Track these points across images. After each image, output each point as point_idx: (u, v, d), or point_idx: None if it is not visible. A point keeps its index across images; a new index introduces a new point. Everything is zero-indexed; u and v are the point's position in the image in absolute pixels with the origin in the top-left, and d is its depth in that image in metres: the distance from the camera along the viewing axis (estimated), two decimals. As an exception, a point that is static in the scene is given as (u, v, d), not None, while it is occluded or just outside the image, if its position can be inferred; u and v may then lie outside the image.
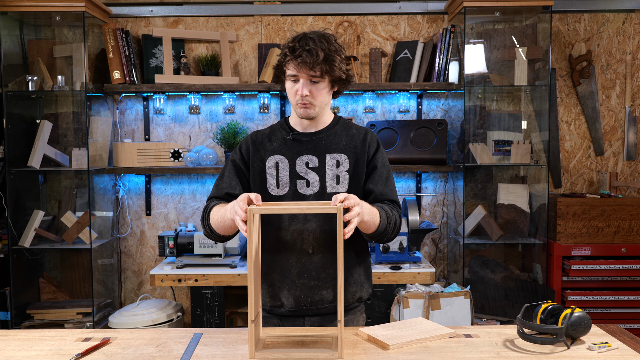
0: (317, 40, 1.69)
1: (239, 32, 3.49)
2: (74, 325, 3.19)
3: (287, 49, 1.70)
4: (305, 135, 1.80)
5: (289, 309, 1.78)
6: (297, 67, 1.69)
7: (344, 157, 1.78)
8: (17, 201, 3.21)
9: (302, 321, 1.80)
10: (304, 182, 1.76)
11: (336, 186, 1.75)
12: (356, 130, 1.84)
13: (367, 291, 1.85)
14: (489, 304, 3.23)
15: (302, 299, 1.77)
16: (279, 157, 1.78)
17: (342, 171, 1.77)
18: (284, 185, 1.77)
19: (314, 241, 1.75)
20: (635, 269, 3.13)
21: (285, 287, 1.77)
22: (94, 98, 3.37)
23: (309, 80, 1.71)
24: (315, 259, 1.75)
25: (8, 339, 1.66)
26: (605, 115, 3.50)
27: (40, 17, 3.23)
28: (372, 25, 3.49)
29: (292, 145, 1.79)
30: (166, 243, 3.03)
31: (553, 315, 1.61)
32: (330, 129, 1.82)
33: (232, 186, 1.80)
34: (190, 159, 3.30)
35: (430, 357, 1.48)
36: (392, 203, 1.79)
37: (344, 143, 1.80)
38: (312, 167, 1.77)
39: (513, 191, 3.36)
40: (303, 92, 1.70)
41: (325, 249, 1.75)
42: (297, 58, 1.67)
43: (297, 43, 1.69)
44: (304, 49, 1.66)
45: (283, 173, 1.77)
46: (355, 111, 3.52)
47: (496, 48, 3.36)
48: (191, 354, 1.51)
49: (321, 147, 1.79)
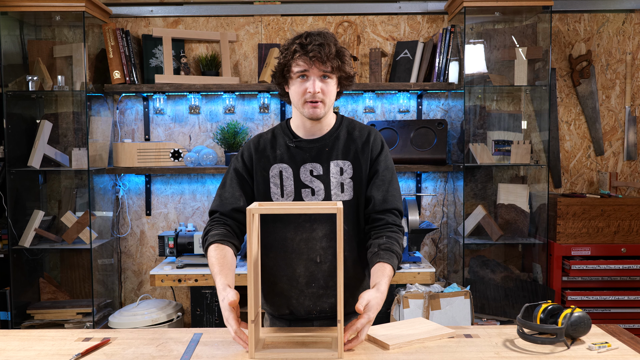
0: (325, 36, 1.65)
1: (239, 32, 3.49)
2: (74, 325, 3.19)
3: (296, 45, 1.64)
4: (308, 142, 1.75)
5: (298, 317, 1.77)
6: (308, 63, 1.63)
7: (347, 164, 1.74)
8: (17, 201, 3.21)
9: (311, 324, 1.78)
10: (309, 191, 1.73)
11: (341, 194, 1.72)
12: (359, 132, 1.78)
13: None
14: (489, 304, 3.23)
15: (311, 307, 1.75)
16: (282, 166, 1.74)
17: (346, 178, 1.73)
18: (288, 195, 1.73)
19: (321, 250, 1.72)
20: (635, 269, 3.13)
21: (293, 296, 1.74)
22: (94, 98, 3.37)
23: (320, 76, 1.66)
24: (324, 268, 1.72)
25: (8, 339, 1.66)
26: (605, 115, 3.50)
27: (40, 17, 3.23)
28: (372, 25, 3.49)
29: (296, 152, 1.74)
30: (166, 243, 3.03)
31: (553, 315, 1.61)
32: (333, 133, 1.77)
33: (236, 198, 1.75)
34: (190, 159, 3.30)
35: (430, 357, 1.48)
36: (394, 214, 1.73)
37: (347, 148, 1.75)
38: (317, 175, 1.73)
39: (513, 191, 3.36)
40: (315, 89, 1.64)
41: (333, 257, 1.72)
42: (309, 53, 1.62)
43: (305, 39, 1.64)
44: (315, 44, 1.62)
45: (287, 182, 1.73)
46: (355, 111, 3.52)
47: (496, 48, 3.36)
48: (191, 354, 1.51)
49: (325, 155, 1.74)
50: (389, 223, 1.71)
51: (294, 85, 1.68)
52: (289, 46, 1.67)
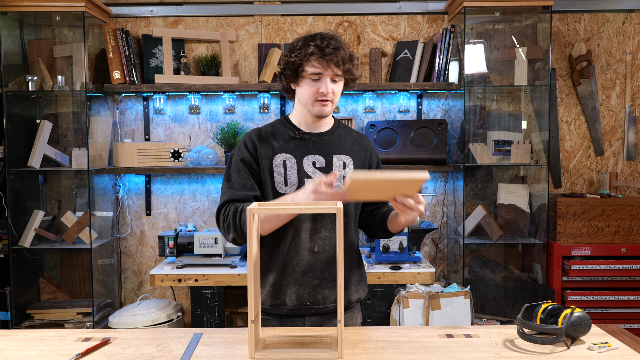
0: (337, 40, 1.72)
1: (239, 32, 3.49)
2: (74, 325, 3.19)
3: (311, 47, 1.69)
4: (312, 135, 1.82)
5: (290, 308, 1.79)
6: (324, 65, 1.70)
7: (349, 159, 1.82)
8: (17, 201, 3.21)
9: (302, 321, 1.81)
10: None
11: (342, 186, 1.75)
12: (357, 134, 1.91)
13: (364, 291, 1.90)
14: (489, 304, 3.23)
15: (304, 297, 1.78)
16: (286, 156, 1.78)
17: (348, 172, 1.79)
18: (292, 184, 1.77)
19: (319, 240, 1.77)
20: (635, 269, 3.13)
21: (289, 285, 1.78)
22: (94, 98, 3.37)
23: (332, 78, 1.73)
24: (321, 258, 1.77)
25: (8, 339, 1.66)
26: (605, 115, 3.50)
27: (40, 17, 3.23)
28: (372, 25, 3.49)
29: (299, 144, 1.80)
30: (166, 243, 3.03)
31: (553, 315, 1.61)
32: (334, 131, 1.86)
33: (248, 187, 1.74)
34: (190, 159, 3.30)
35: (430, 357, 1.48)
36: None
37: (349, 145, 1.84)
38: (319, 167, 1.79)
39: (513, 191, 3.36)
40: (329, 90, 1.72)
41: (330, 248, 1.78)
42: (327, 56, 1.68)
43: (320, 42, 1.69)
44: (331, 47, 1.69)
45: (291, 171, 1.77)
46: (355, 111, 3.52)
47: (496, 48, 3.36)
48: (191, 354, 1.51)
49: (328, 148, 1.81)
50: (386, 205, 1.91)
51: (306, 85, 1.74)
52: (302, 47, 1.72)
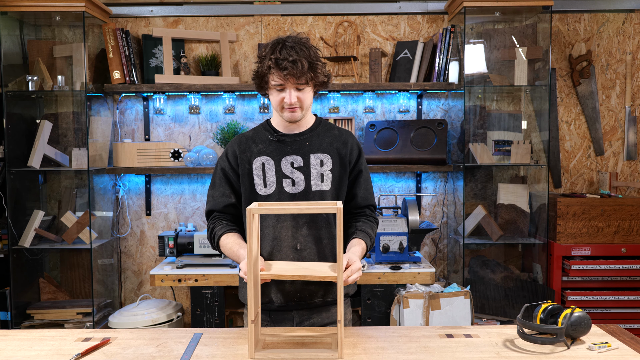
0: (298, 49, 1.73)
1: (239, 32, 3.49)
2: (74, 325, 3.19)
3: (271, 60, 1.73)
4: (289, 136, 1.87)
5: (278, 305, 1.81)
6: (283, 78, 1.74)
7: (327, 157, 1.85)
8: (17, 201, 3.21)
9: (291, 315, 1.83)
10: (289, 181, 1.82)
11: (320, 184, 1.82)
12: (338, 131, 1.92)
13: (353, 288, 1.93)
14: (489, 304, 3.23)
15: (291, 294, 1.81)
16: (264, 158, 1.84)
17: (325, 170, 1.83)
18: (270, 185, 1.82)
19: (301, 237, 1.80)
20: (635, 269, 3.13)
21: (273, 283, 1.80)
22: (94, 98, 3.37)
23: (297, 87, 1.77)
24: (304, 255, 1.80)
25: (8, 339, 1.66)
26: (605, 115, 3.50)
27: (40, 17, 3.23)
28: (372, 25, 3.49)
29: (277, 146, 1.86)
30: (166, 243, 3.03)
31: (553, 315, 1.61)
32: (312, 130, 1.89)
33: (227, 195, 1.88)
34: (190, 159, 3.30)
35: (430, 357, 1.49)
36: (371, 209, 1.93)
37: (327, 144, 1.87)
38: (297, 166, 1.83)
39: (513, 191, 3.36)
40: (292, 100, 1.77)
41: (313, 245, 1.81)
42: (283, 70, 1.72)
43: (279, 54, 1.72)
44: (288, 61, 1.71)
45: (269, 173, 1.83)
46: (355, 111, 3.52)
47: (496, 48, 3.36)
48: (191, 354, 1.51)
49: (305, 148, 1.85)
50: (366, 215, 1.92)
51: (272, 95, 1.82)
52: (263, 58, 1.77)
